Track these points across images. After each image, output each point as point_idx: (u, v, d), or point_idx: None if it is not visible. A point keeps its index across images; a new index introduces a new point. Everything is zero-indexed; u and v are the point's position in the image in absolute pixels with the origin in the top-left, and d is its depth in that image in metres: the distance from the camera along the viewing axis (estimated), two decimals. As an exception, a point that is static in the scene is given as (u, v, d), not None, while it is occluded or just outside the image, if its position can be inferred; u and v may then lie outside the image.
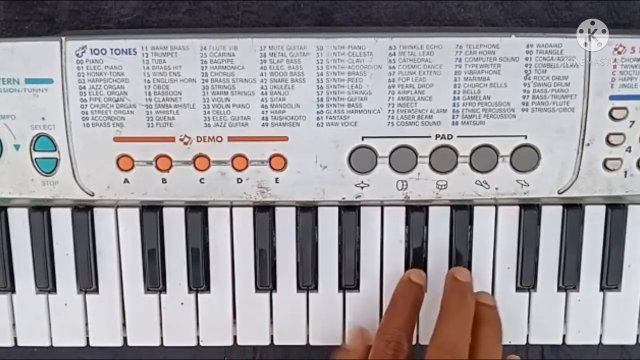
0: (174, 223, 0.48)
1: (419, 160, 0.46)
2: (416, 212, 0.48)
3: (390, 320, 0.46)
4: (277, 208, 0.48)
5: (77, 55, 0.45)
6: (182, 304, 0.49)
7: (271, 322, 0.49)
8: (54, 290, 0.49)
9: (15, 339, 0.50)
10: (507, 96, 0.45)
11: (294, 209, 0.48)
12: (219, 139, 0.46)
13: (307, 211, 0.48)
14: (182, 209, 0.48)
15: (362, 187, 0.47)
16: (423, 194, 0.47)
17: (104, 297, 0.49)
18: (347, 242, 0.48)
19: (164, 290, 0.49)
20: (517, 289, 0.49)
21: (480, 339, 0.44)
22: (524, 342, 0.50)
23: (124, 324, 0.50)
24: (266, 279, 0.49)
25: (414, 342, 0.49)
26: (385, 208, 0.48)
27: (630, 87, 0.45)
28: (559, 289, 0.49)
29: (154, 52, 0.45)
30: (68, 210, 0.48)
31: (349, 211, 0.48)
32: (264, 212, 0.48)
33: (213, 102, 0.45)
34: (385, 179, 0.47)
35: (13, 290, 0.49)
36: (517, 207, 0.48)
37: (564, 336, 0.50)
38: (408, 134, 0.46)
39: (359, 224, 0.48)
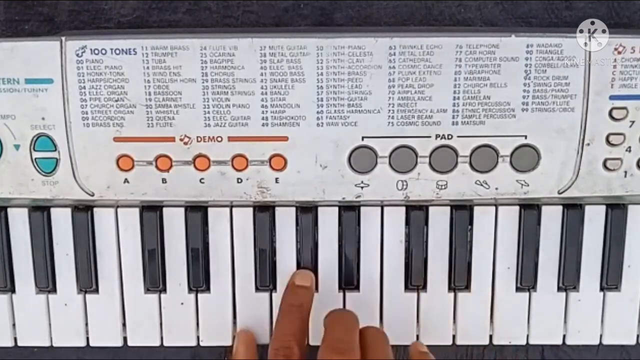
0: (174, 223, 0.48)
1: (419, 160, 0.46)
2: (416, 212, 0.48)
3: (279, 329, 0.46)
4: (277, 208, 0.48)
5: (77, 55, 0.45)
6: (182, 304, 0.49)
7: (271, 322, 0.49)
8: (54, 290, 0.49)
9: (15, 339, 0.50)
10: (507, 96, 0.45)
11: (294, 209, 0.48)
12: (219, 139, 0.46)
13: (307, 211, 0.48)
14: (182, 209, 0.48)
15: (362, 187, 0.47)
16: (423, 194, 0.47)
17: (104, 297, 0.49)
18: (347, 242, 0.48)
19: (164, 290, 0.49)
20: (517, 289, 0.49)
21: (365, 338, 0.45)
22: (524, 342, 0.49)
23: (124, 324, 0.50)
24: (266, 279, 0.49)
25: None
26: (385, 208, 0.48)
27: (630, 87, 0.45)
28: (559, 289, 0.49)
29: (154, 52, 0.45)
30: (68, 210, 0.48)
31: (349, 211, 0.48)
32: (264, 212, 0.48)
33: (213, 102, 0.45)
34: (385, 179, 0.47)
35: (13, 290, 0.49)
36: (517, 207, 0.48)
37: (564, 336, 0.50)
38: (408, 134, 0.46)
39: (359, 224, 0.48)
